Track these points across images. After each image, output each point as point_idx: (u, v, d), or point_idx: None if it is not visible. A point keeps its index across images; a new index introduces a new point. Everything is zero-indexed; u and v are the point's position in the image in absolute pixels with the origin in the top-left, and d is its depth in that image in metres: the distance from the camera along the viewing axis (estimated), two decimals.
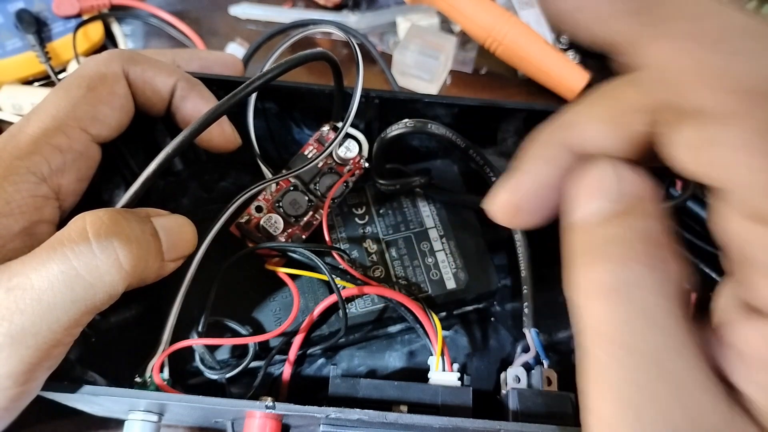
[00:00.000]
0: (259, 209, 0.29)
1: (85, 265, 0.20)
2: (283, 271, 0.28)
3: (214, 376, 0.27)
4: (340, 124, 0.29)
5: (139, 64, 0.26)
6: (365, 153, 0.31)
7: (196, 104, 0.27)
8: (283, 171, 0.29)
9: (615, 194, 0.15)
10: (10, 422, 0.22)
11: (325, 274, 0.27)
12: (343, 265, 0.29)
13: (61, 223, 0.22)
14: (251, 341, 0.27)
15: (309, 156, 0.30)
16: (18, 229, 0.22)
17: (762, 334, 0.12)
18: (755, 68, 0.13)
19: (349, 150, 0.30)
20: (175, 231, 0.24)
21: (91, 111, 0.24)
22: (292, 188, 0.30)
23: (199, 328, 0.27)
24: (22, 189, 0.22)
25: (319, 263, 0.27)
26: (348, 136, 0.30)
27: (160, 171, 0.23)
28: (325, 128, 0.31)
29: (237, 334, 0.28)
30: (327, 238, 0.29)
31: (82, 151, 0.24)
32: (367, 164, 0.31)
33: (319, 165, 0.30)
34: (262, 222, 0.29)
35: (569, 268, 0.15)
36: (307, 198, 0.30)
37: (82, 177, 0.24)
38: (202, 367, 0.27)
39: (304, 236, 0.30)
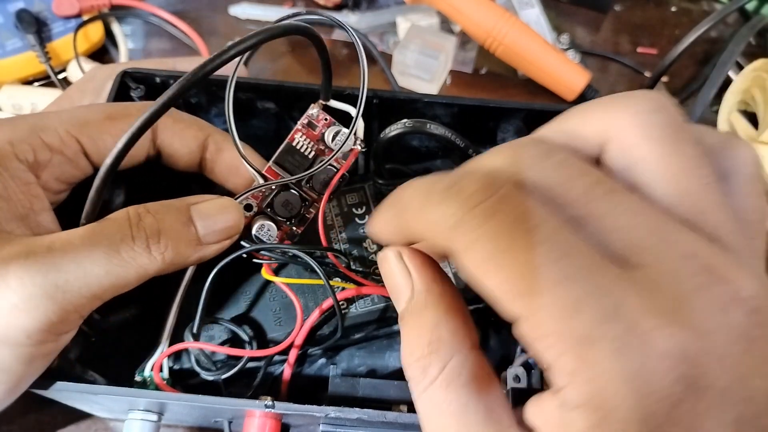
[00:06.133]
0: (248, 208, 0.27)
1: (125, 246, 0.21)
2: (281, 281, 0.28)
3: (210, 377, 0.27)
4: (329, 103, 0.28)
5: (169, 117, 0.27)
6: (360, 134, 0.28)
7: (233, 155, 0.27)
8: (281, 177, 0.27)
9: None
10: (16, 395, 0.22)
11: (322, 279, 0.27)
12: (340, 267, 0.28)
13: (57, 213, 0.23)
14: (249, 354, 0.27)
15: (298, 147, 0.28)
16: (15, 215, 0.22)
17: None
18: None
19: (340, 140, 0.28)
20: (213, 215, 0.24)
21: (96, 135, 0.25)
22: (282, 190, 0.28)
23: (194, 330, 0.27)
24: (14, 175, 0.23)
25: (315, 266, 0.27)
26: (341, 117, 0.28)
27: (122, 155, 0.21)
28: (314, 110, 0.28)
29: (236, 336, 0.28)
30: (322, 239, 0.28)
31: (72, 159, 0.25)
32: (364, 147, 0.29)
33: (310, 156, 0.28)
34: (254, 231, 0.28)
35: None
36: (299, 195, 0.28)
37: (61, 179, 0.25)
38: (198, 369, 0.27)
39: (299, 231, 0.29)
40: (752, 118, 0.44)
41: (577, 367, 0.13)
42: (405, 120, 0.28)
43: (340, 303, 0.27)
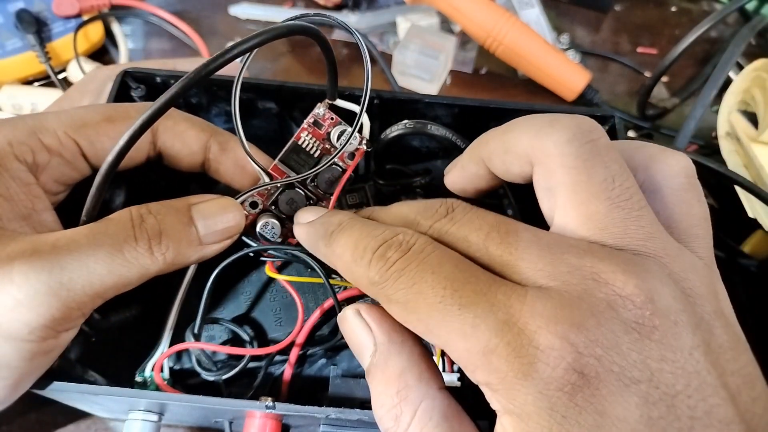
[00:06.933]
0: (254, 205, 0.28)
1: (128, 246, 0.21)
2: (283, 279, 0.28)
3: (210, 378, 0.27)
4: (335, 102, 0.28)
5: (171, 118, 0.27)
6: (366, 134, 0.28)
7: (237, 155, 0.27)
8: (287, 176, 0.27)
9: None
10: (18, 394, 0.22)
11: (322, 278, 0.27)
12: None
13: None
14: (250, 353, 0.27)
15: (304, 146, 0.28)
16: (18, 214, 0.22)
17: None
18: None
19: (346, 138, 0.27)
20: (214, 215, 0.24)
21: (94, 137, 0.25)
22: (287, 188, 0.28)
23: (195, 330, 0.27)
24: (15, 176, 0.23)
25: (315, 266, 0.27)
26: (347, 117, 0.28)
27: (123, 154, 0.21)
28: (320, 109, 0.28)
29: (237, 336, 0.28)
30: None
31: (70, 161, 0.25)
32: (370, 147, 0.28)
33: (316, 155, 0.28)
34: (258, 229, 0.28)
35: None
36: (304, 194, 0.28)
37: (60, 180, 0.25)
38: (198, 369, 0.27)
39: None
40: (752, 118, 0.44)
41: (486, 378, 0.16)
42: (406, 121, 0.28)
43: (341, 303, 0.27)
